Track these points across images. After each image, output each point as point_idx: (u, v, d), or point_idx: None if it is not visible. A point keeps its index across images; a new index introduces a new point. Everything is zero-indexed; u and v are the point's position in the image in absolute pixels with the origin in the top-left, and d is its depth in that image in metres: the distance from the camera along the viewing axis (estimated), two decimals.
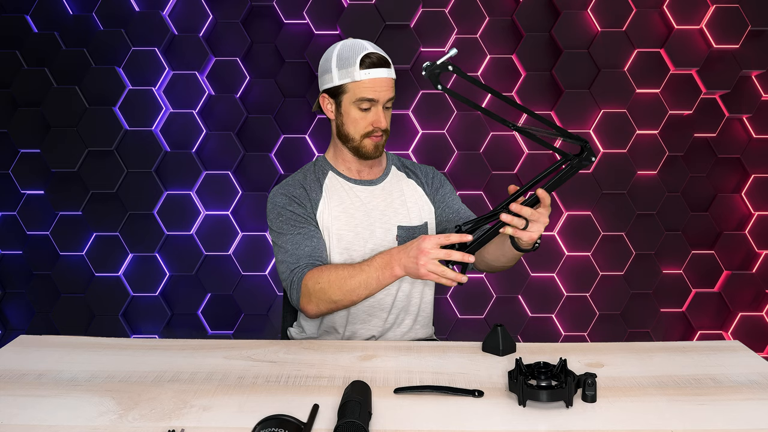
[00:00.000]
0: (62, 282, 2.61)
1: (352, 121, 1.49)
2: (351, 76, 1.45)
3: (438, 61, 1.21)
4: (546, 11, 2.56)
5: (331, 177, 1.56)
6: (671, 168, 2.59)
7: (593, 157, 1.25)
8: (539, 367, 1.10)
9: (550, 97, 2.59)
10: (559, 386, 1.05)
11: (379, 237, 1.53)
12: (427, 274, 1.30)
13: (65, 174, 2.57)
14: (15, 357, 1.27)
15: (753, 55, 2.53)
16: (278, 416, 0.96)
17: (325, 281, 1.40)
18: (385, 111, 1.50)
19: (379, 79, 1.45)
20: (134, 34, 2.53)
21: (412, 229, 1.56)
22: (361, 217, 1.53)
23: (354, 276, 1.39)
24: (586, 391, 1.07)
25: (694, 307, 2.65)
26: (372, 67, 1.45)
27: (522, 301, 2.64)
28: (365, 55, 1.45)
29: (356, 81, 1.45)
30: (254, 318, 2.64)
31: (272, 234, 1.53)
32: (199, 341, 1.36)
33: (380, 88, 1.46)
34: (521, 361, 1.11)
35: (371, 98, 1.45)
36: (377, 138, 1.49)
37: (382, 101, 1.47)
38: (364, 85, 1.45)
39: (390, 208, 1.56)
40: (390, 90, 1.48)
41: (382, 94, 1.46)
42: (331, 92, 1.50)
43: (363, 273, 1.38)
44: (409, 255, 1.32)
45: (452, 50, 1.24)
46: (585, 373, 1.08)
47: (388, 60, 1.49)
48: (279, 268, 1.50)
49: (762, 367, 1.23)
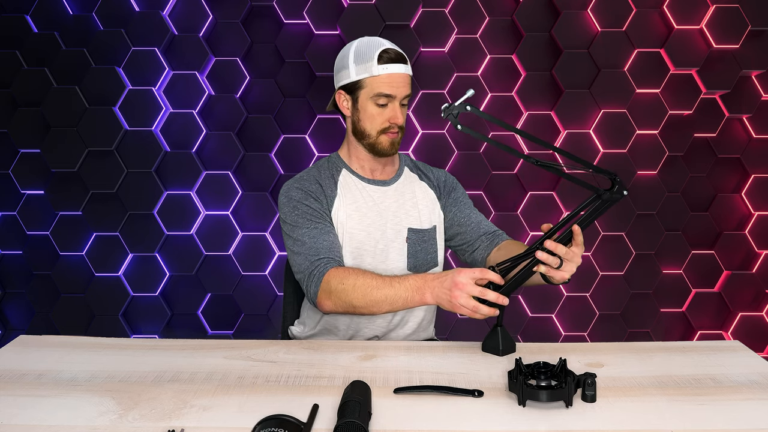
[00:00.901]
0: (62, 282, 2.61)
1: (368, 117, 1.48)
2: (369, 71, 1.45)
3: (456, 102, 1.21)
4: (546, 11, 2.56)
5: (345, 175, 1.56)
6: (671, 168, 2.59)
7: (625, 190, 1.22)
8: (539, 367, 1.10)
9: (550, 97, 2.59)
10: (558, 386, 1.05)
11: (389, 238, 1.52)
12: (460, 308, 1.27)
13: (65, 174, 2.57)
14: (15, 357, 1.27)
15: (753, 55, 2.53)
16: (278, 416, 0.96)
17: (350, 284, 1.37)
18: (402, 108, 1.49)
19: (396, 74, 1.46)
20: (134, 34, 2.53)
21: (422, 232, 1.55)
22: (374, 217, 1.52)
23: (381, 288, 1.35)
24: (586, 391, 1.07)
25: (694, 307, 2.65)
26: (390, 62, 1.45)
27: (522, 301, 2.64)
28: (383, 50, 1.46)
29: (374, 76, 1.45)
30: (254, 318, 2.64)
31: (286, 227, 1.50)
32: (199, 341, 1.36)
33: (398, 84, 1.46)
34: (521, 361, 1.11)
35: (388, 93, 1.45)
36: (393, 134, 1.49)
37: (399, 97, 1.47)
38: (382, 80, 1.45)
39: (402, 209, 1.55)
40: (407, 86, 1.48)
41: (400, 90, 1.46)
42: (347, 88, 1.50)
43: (392, 289, 1.35)
44: (444, 286, 1.29)
45: (469, 91, 1.23)
46: (585, 373, 1.08)
47: (405, 57, 1.50)
48: (295, 260, 1.47)
49: (762, 367, 1.23)
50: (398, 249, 1.53)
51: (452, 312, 1.32)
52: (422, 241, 1.55)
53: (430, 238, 1.57)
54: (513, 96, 2.58)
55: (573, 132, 2.57)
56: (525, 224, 2.62)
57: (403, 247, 1.53)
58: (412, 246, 1.54)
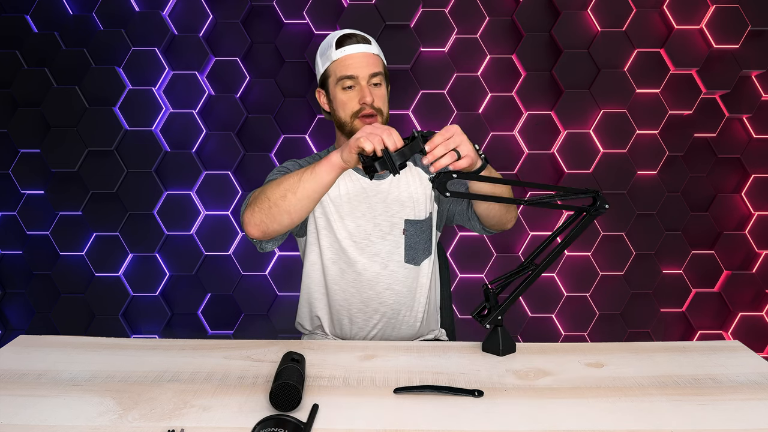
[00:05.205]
0: (62, 282, 2.61)
1: (340, 105, 1.47)
2: (329, 59, 1.46)
3: (442, 171, 1.24)
4: (546, 11, 2.56)
5: None
6: (671, 168, 2.59)
7: (606, 204, 1.29)
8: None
9: (550, 97, 2.59)
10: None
11: (384, 230, 1.52)
12: (364, 136, 1.22)
13: (65, 174, 2.57)
14: (15, 357, 1.27)
15: (753, 55, 2.53)
16: (278, 416, 0.96)
17: (267, 185, 1.34)
18: (374, 88, 1.46)
19: (355, 54, 1.45)
20: (134, 34, 2.53)
21: (419, 223, 1.55)
22: (364, 210, 1.52)
23: (293, 174, 1.33)
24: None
25: (694, 307, 2.65)
26: (347, 44, 1.45)
27: (522, 301, 2.64)
28: (340, 36, 1.47)
29: (334, 61, 1.46)
30: (254, 318, 2.64)
31: None
32: (199, 341, 1.36)
33: (358, 64, 1.44)
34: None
35: (350, 75, 1.44)
36: (370, 118, 1.45)
37: (363, 76, 1.45)
38: (342, 63, 1.45)
39: (397, 201, 1.54)
40: (370, 65, 1.45)
41: (361, 70, 1.44)
42: (321, 85, 1.52)
43: (302, 170, 1.32)
44: (351, 138, 1.27)
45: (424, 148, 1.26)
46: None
47: (367, 37, 1.49)
48: None
49: (762, 367, 1.23)
50: (394, 241, 1.52)
51: (352, 152, 1.25)
52: (420, 232, 1.55)
53: (427, 228, 1.57)
54: (513, 96, 2.58)
55: (573, 132, 2.57)
56: (525, 224, 2.62)
57: (399, 240, 1.53)
58: (409, 238, 1.53)
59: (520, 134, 2.59)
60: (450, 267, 2.10)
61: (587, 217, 1.30)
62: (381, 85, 1.48)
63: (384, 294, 1.52)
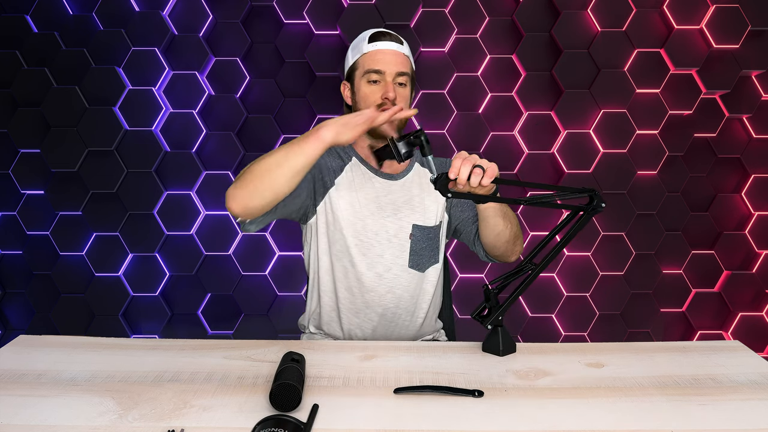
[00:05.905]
0: (62, 282, 2.61)
1: (363, 97, 1.48)
2: (360, 51, 1.49)
3: (441, 175, 1.27)
4: (546, 11, 2.56)
5: (355, 163, 1.55)
6: (671, 168, 2.59)
7: (603, 203, 1.30)
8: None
9: (550, 97, 2.59)
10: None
11: (390, 233, 1.51)
12: (358, 115, 1.30)
13: (65, 174, 2.57)
14: (15, 357, 1.27)
15: (753, 55, 2.53)
16: (278, 416, 0.96)
17: (251, 163, 1.33)
18: (399, 87, 1.48)
19: (385, 50, 1.47)
20: (134, 34, 2.53)
21: (427, 230, 1.54)
22: (373, 209, 1.51)
23: (280, 149, 1.31)
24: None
25: (694, 307, 2.65)
26: (380, 40, 1.47)
27: (522, 301, 2.64)
28: (375, 32, 1.49)
29: (364, 53, 1.48)
30: (254, 318, 2.64)
31: None
32: (199, 341, 1.36)
33: (387, 60, 1.46)
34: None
35: (377, 69, 1.45)
36: None
37: (390, 73, 1.46)
38: (371, 57, 1.47)
39: (407, 205, 1.53)
40: (398, 64, 1.47)
41: (390, 67, 1.45)
42: (348, 77, 1.53)
43: (288, 144, 1.31)
44: (343, 117, 1.31)
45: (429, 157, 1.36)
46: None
47: (400, 38, 1.51)
48: None
49: (762, 367, 1.23)
50: (399, 245, 1.52)
51: (349, 131, 1.30)
52: (427, 239, 1.54)
53: (435, 236, 1.56)
54: (513, 96, 2.58)
55: (573, 132, 2.57)
56: (525, 224, 2.62)
57: (405, 244, 1.52)
58: (415, 243, 1.53)
59: (520, 134, 2.59)
60: (450, 267, 2.10)
61: (584, 216, 1.31)
62: (406, 86, 1.50)
63: (385, 297, 1.52)
